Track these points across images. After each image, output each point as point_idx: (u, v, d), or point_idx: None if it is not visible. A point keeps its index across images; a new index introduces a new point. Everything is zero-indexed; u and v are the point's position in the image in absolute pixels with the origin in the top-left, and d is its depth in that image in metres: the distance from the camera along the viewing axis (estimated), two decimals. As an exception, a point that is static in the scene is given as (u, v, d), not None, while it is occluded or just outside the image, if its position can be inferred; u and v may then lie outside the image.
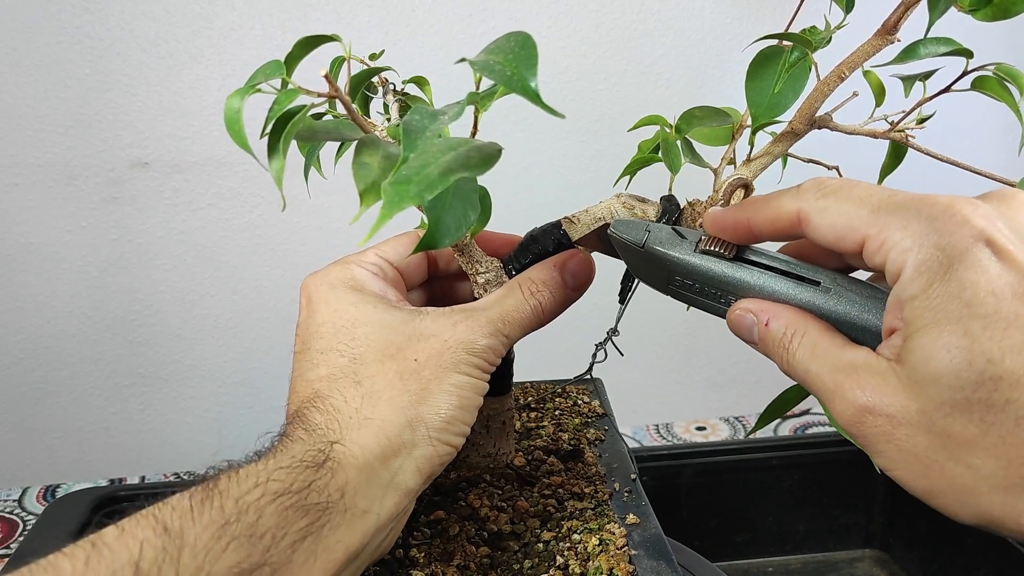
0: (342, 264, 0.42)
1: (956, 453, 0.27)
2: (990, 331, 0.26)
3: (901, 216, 0.30)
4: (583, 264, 0.42)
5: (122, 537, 0.30)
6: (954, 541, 0.72)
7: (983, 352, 0.26)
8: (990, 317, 0.27)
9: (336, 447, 0.35)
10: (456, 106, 0.32)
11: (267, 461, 0.33)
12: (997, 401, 0.26)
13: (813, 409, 1.03)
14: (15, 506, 0.90)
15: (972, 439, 0.27)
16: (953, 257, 0.28)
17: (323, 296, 0.40)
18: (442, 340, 0.38)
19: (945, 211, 0.29)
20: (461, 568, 0.40)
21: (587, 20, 0.88)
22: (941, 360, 0.27)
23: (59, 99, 0.81)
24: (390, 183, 0.28)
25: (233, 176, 0.87)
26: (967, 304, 0.27)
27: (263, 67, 0.34)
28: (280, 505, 0.32)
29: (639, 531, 0.43)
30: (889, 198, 0.31)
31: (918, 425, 0.28)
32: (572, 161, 0.92)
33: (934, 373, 0.27)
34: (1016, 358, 0.26)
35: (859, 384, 0.30)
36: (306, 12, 0.82)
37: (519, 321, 0.40)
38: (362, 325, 0.38)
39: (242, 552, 0.30)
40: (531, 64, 0.29)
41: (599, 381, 0.60)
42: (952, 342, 0.27)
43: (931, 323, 0.28)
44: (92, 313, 0.89)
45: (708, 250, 0.36)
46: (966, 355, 0.27)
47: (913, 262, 0.29)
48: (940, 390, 0.27)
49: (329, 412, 0.36)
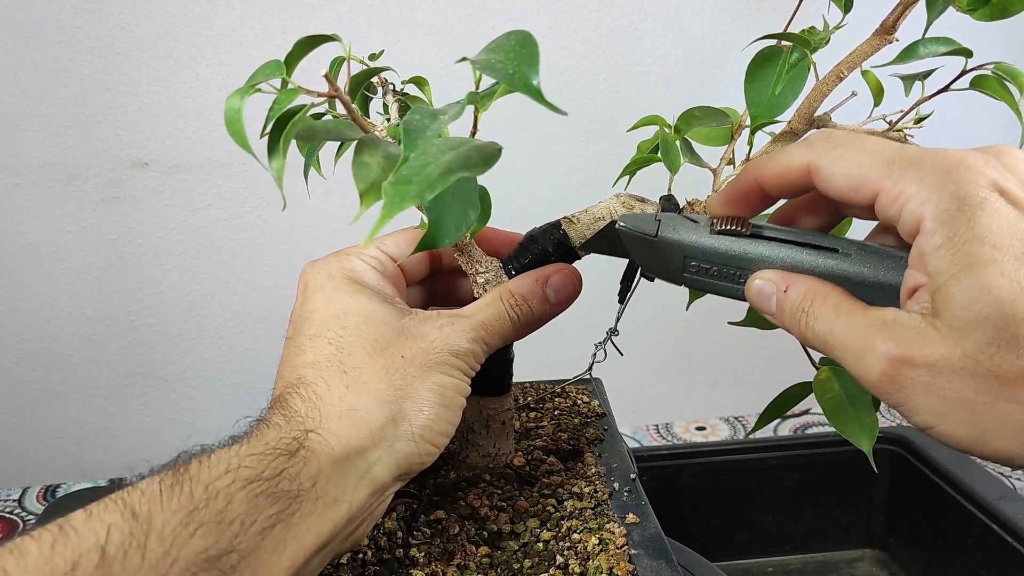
0: (342, 255, 0.42)
1: (1007, 391, 0.28)
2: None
3: (916, 169, 0.30)
4: (566, 279, 0.42)
5: (89, 521, 0.30)
6: (954, 541, 0.72)
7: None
8: (1021, 257, 0.28)
9: (312, 435, 0.35)
10: (456, 106, 0.32)
11: (240, 446, 0.33)
12: None
13: (813, 409, 1.03)
14: (15, 506, 0.90)
15: (1022, 373, 0.27)
16: (973, 205, 0.28)
17: (319, 284, 0.40)
18: (428, 340, 0.38)
19: (959, 163, 0.29)
20: (461, 568, 0.41)
21: (587, 20, 0.88)
22: (984, 301, 0.28)
23: (59, 99, 0.81)
24: (390, 183, 0.28)
25: (233, 176, 0.87)
26: (996, 246, 0.28)
27: (263, 67, 0.34)
28: (250, 492, 0.32)
29: (639, 531, 0.43)
30: (902, 151, 0.31)
31: (963, 371, 0.28)
32: (572, 161, 0.92)
33: (978, 315, 0.28)
34: None
35: (892, 337, 0.30)
36: (306, 12, 0.83)
37: (499, 331, 0.40)
38: (353, 315, 0.38)
39: (210, 538, 0.30)
40: (533, 62, 0.29)
41: (598, 381, 0.60)
42: (992, 282, 0.27)
43: (965, 268, 0.28)
44: (92, 313, 0.89)
45: (724, 230, 0.36)
46: (1008, 292, 0.27)
47: (932, 212, 0.29)
48: (986, 331, 0.28)
49: (311, 399, 0.36)
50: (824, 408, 0.42)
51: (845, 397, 0.42)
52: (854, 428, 0.41)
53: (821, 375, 0.44)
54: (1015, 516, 0.65)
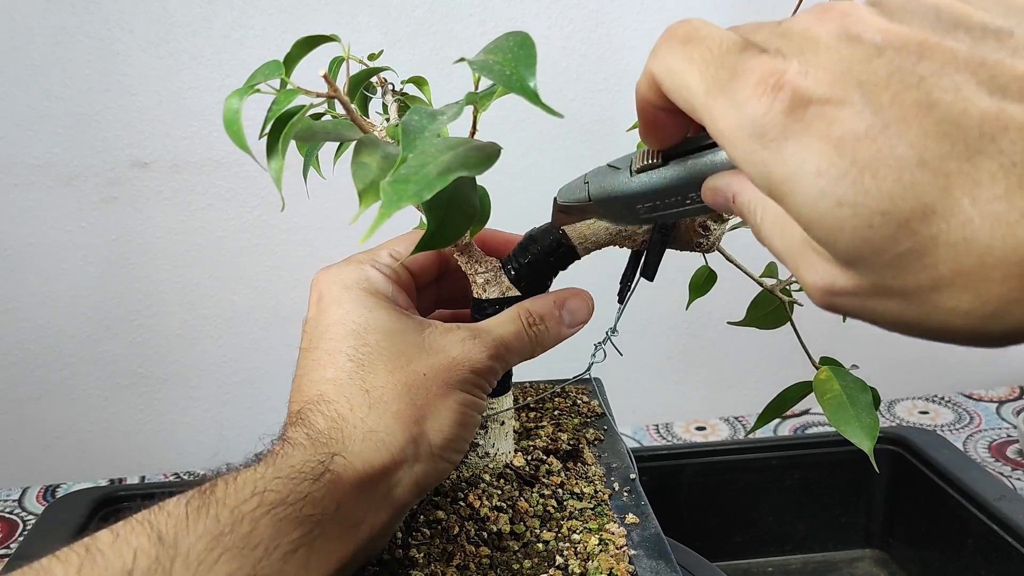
0: (356, 263, 0.41)
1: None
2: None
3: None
4: (582, 304, 0.42)
5: (116, 543, 0.29)
6: (954, 541, 0.72)
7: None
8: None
9: (337, 459, 0.34)
10: (455, 106, 0.32)
11: (266, 468, 0.33)
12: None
13: (813, 409, 1.03)
14: (15, 506, 0.90)
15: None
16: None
17: (335, 295, 0.40)
18: (450, 357, 0.38)
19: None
20: (461, 568, 0.40)
21: (587, 20, 0.88)
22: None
23: (59, 99, 0.81)
24: (389, 183, 0.28)
25: (232, 176, 0.87)
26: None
27: (262, 67, 0.34)
28: (275, 516, 0.32)
29: (639, 531, 0.43)
30: (720, 65, 0.25)
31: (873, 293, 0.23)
32: (572, 161, 0.92)
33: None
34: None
35: (810, 265, 0.25)
36: (306, 12, 0.83)
37: (518, 349, 0.40)
38: (374, 331, 0.38)
39: (234, 564, 0.30)
40: (530, 63, 0.29)
41: (598, 381, 0.60)
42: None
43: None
44: (92, 313, 0.89)
45: (642, 166, 0.33)
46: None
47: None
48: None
49: (333, 418, 0.36)
50: (824, 408, 0.42)
51: (845, 397, 0.42)
52: (855, 428, 0.41)
53: (821, 375, 0.44)
54: (1015, 516, 0.65)
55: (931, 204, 0.21)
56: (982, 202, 0.20)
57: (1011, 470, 0.88)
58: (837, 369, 0.44)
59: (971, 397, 1.05)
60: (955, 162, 0.20)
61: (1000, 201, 0.20)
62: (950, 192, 0.20)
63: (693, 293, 0.51)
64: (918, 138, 0.21)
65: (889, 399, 1.06)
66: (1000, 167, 0.20)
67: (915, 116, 0.21)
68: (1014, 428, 0.97)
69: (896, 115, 0.21)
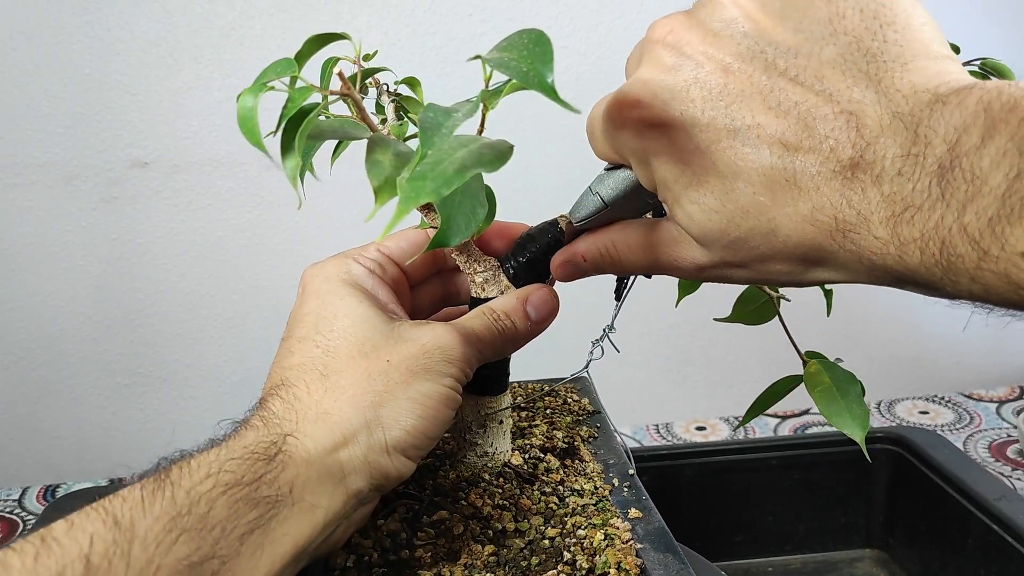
0: (342, 258, 0.42)
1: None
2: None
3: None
4: (545, 299, 0.42)
5: (72, 531, 0.30)
6: (954, 541, 0.72)
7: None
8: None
9: (289, 439, 0.35)
10: (469, 103, 0.32)
11: (220, 450, 0.33)
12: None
13: (813, 409, 1.03)
14: (15, 506, 0.90)
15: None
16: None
17: (316, 287, 0.40)
18: (420, 344, 0.38)
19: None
20: (468, 567, 0.40)
21: (587, 20, 0.88)
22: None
23: (59, 99, 0.81)
24: (407, 179, 0.28)
25: (233, 176, 0.87)
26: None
27: (273, 65, 0.34)
28: (231, 497, 0.32)
29: (643, 525, 0.43)
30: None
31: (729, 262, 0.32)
32: (572, 161, 0.92)
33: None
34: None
35: (683, 251, 0.34)
36: (306, 12, 0.83)
37: (490, 340, 0.40)
38: (342, 318, 0.38)
39: (192, 544, 0.30)
40: (547, 60, 0.29)
41: (588, 378, 0.59)
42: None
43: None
44: (92, 313, 0.89)
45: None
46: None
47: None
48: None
49: (290, 401, 0.36)
50: (816, 400, 0.43)
51: (835, 389, 0.43)
52: (846, 418, 0.42)
53: (811, 367, 0.45)
54: (1015, 516, 0.65)
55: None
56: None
57: (1011, 470, 0.88)
58: (826, 362, 0.45)
59: (971, 397, 1.05)
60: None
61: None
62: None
63: (682, 291, 0.51)
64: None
65: (889, 399, 1.06)
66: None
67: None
68: (1014, 428, 0.97)
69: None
